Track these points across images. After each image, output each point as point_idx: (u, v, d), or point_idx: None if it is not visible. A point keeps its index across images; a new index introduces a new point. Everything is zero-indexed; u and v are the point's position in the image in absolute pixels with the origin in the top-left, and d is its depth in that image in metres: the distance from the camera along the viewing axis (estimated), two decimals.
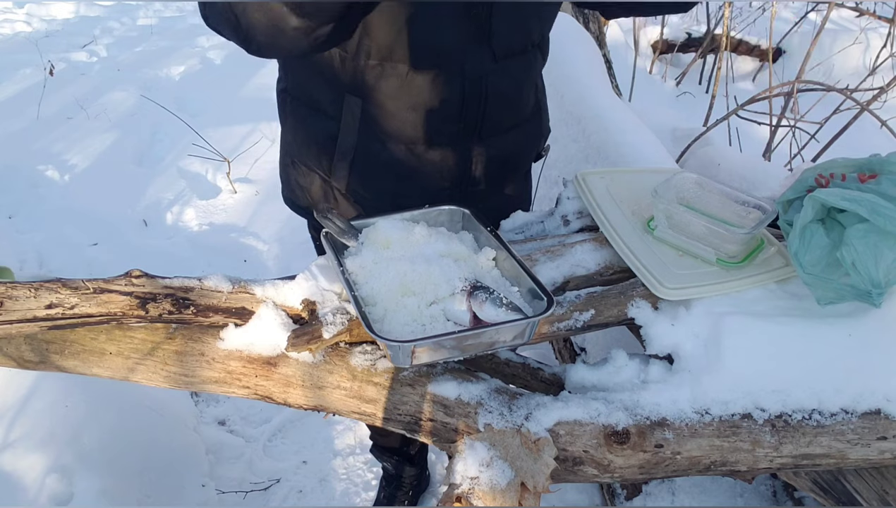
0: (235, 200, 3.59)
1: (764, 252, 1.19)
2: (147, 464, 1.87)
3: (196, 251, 3.20)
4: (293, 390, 1.12)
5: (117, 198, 3.53)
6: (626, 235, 1.22)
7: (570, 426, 1.00)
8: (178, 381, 1.15)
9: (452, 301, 1.05)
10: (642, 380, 1.08)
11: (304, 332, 1.08)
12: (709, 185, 1.27)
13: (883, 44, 4.00)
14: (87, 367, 1.17)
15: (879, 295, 0.99)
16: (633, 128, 1.82)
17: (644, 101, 3.65)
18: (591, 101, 1.92)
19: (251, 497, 2.07)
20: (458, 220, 1.30)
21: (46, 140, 4.01)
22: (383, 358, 1.10)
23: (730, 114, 2.60)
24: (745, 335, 1.04)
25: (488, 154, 1.35)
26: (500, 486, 0.90)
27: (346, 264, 1.14)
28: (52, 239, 3.18)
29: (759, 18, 4.63)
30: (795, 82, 2.58)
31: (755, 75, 4.58)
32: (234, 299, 1.13)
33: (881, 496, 1.04)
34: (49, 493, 1.63)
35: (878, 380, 1.01)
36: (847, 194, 1.01)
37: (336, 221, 1.21)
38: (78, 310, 1.09)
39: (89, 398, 1.84)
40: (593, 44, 2.26)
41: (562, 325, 1.12)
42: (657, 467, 1.00)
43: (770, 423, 1.00)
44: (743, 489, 1.52)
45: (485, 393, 1.06)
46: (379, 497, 2.08)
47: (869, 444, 0.99)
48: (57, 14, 6.38)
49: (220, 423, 2.35)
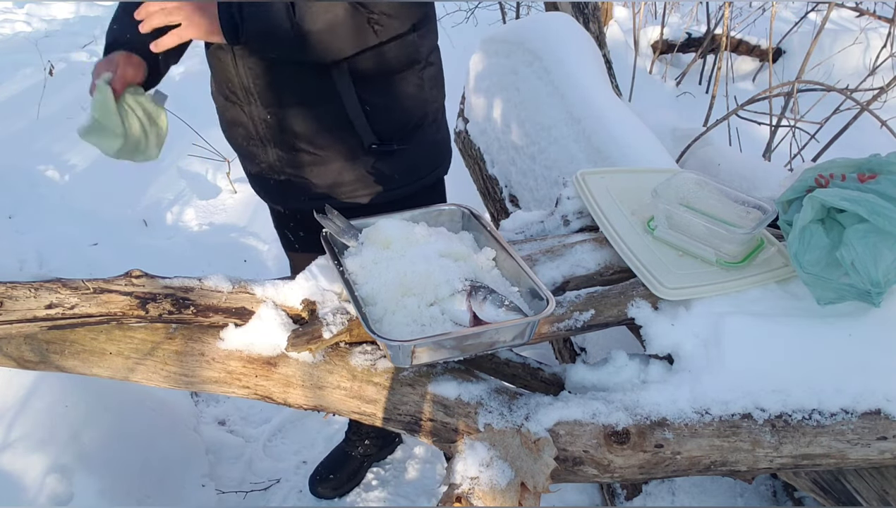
0: (235, 200, 3.59)
1: (764, 252, 1.19)
2: (147, 464, 1.86)
3: (196, 251, 3.20)
4: (293, 390, 1.12)
5: (117, 198, 3.53)
6: (626, 235, 1.22)
7: (570, 426, 1.00)
8: (178, 381, 1.15)
9: (452, 301, 1.05)
10: (642, 380, 1.08)
11: (304, 332, 1.08)
12: (709, 185, 1.27)
13: (883, 44, 3.99)
14: (87, 367, 1.17)
15: (879, 294, 0.99)
16: (634, 128, 1.82)
17: (644, 101, 3.64)
18: (592, 101, 1.91)
19: (251, 497, 2.07)
20: (458, 220, 1.30)
21: (46, 140, 4.01)
22: (383, 358, 1.10)
23: (730, 115, 2.60)
24: (745, 335, 1.04)
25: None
26: (500, 486, 0.90)
27: (346, 264, 1.14)
28: (52, 239, 3.18)
29: (759, 18, 4.63)
30: (795, 82, 2.57)
31: (755, 75, 4.58)
32: (234, 299, 1.13)
33: (881, 496, 1.04)
34: (49, 493, 1.63)
35: (878, 380, 1.01)
36: (847, 194, 1.01)
37: (336, 221, 1.21)
38: (78, 310, 1.09)
39: (89, 398, 1.84)
40: (593, 44, 2.26)
41: (562, 325, 1.12)
42: (657, 467, 1.00)
43: (770, 423, 1.00)
44: (743, 489, 1.52)
45: (485, 393, 1.06)
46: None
47: (869, 444, 0.99)
48: (57, 14, 6.37)
49: (220, 423, 2.35)
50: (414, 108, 1.49)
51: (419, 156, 1.55)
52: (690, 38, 4.62)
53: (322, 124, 1.42)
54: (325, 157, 1.47)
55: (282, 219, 1.75)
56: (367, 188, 1.51)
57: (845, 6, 4.37)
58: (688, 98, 4.16)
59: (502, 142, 2.33)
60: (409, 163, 1.53)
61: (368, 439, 2.14)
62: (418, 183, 1.56)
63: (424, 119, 1.53)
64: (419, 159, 1.56)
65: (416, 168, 1.55)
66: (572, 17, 2.48)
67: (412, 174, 1.55)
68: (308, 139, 1.44)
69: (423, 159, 1.57)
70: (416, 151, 1.54)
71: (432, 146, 1.59)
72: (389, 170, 1.51)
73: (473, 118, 2.56)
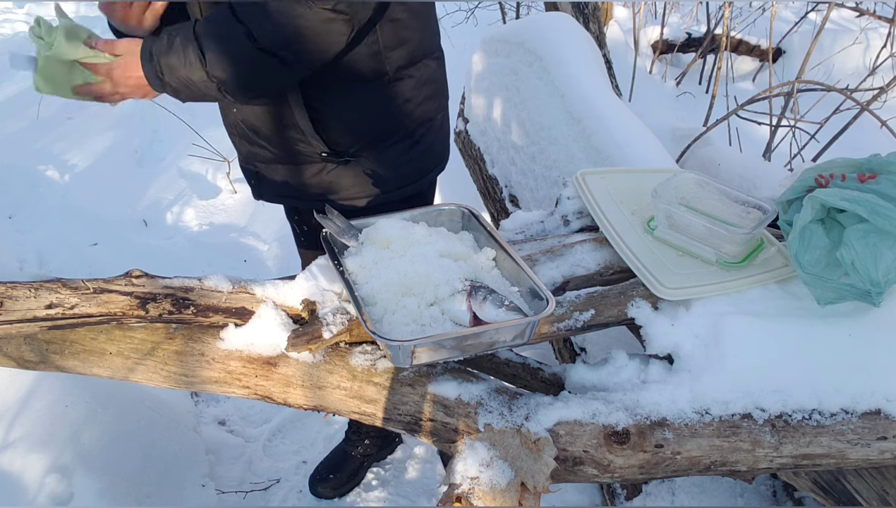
0: (235, 200, 3.59)
1: (764, 252, 1.19)
2: (147, 464, 1.86)
3: (196, 251, 3.20)
4: (293, 390, 1.12)
5: (117, 198, 3.53)
6: (626, 235, 1.22)
7: (570, 426, 1.00)
8: (178, 381, 1.15)
9: (452, 301, 1.05)
10: (642, 380, 1.08)
11: (304, 332, 1.08)
12: (709, 185, 1.27)
13: (883, 44, 3.99)
14: (87, 367, 1.17)
15: (879, 294, 0.99)
16: (633, 128, 1.82)
17: (644, 101, 3.65)
18: (592, 101, 1.92)
19: (251, 497, 2.07)
20: (458, 220, 1.30)
21: (46, 140, 4.01)
22: (383, 358, 1.10)
23: (730, 115, 2.60)
24: (745, 335, 1.04)
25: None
26: (500, 486, 0.90)
27: (347, 264, 1.14)
28: (52, 239, 3.18)
29: (759, 18, 4.63)
30: (795, 82, 2.57)
31: (755, 75, 4.58)
32: (234, 299, 1.13)
33: (881, 496, 1.04)
34: (49, 493, 1.63)
35: (878, 380, 1.01)
36: (847, 194, 1.01)
37: (336, 221, 1.21)
38: (78, 310, 1.09)
39: (89, 398, 1.84)
40: (593, 44, 2.26)
41: (562, 325, 1.12)
42: (657, 467, 1.00)
43: (770, 423, 1.00)
44: (743, 489, 1.52)
45: (485, 393, 1.06)
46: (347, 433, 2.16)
47: (869, 444, 0.99)
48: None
49: (220, 423, 2.35)
50: (376, 121, 1.41)
51: (385, 170, 1.47)
52: (690, 38, 4.62)
53: (276, 124, 1.40)
54: (278, 156, 1.45)
55: (288, 211, 1.75)
56: (326, 192, 1.47)
57: (845, 6, 4.37)
58: (688, 98, 4.16)
59: (502, 142, 2.34)
60: (368, 175, 1.46)
61: (368, 439, 2.14)
62: (385, 195, 1.48)
63: (393, 133, 1.44)
64: (384, 172, 1.47)
65: (381, 181, 1.47)
66: (572, 17, 2.48)
67: (372, 187, 1.47)
68: (265, 137, 1.43)
69: (389, 173, 1.47)
70: (379, 164, 1.45)
71: (403, 161, 1.48)
72: (346, 180, 1.45)
73: (473, 118, 2.56)
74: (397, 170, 1.48)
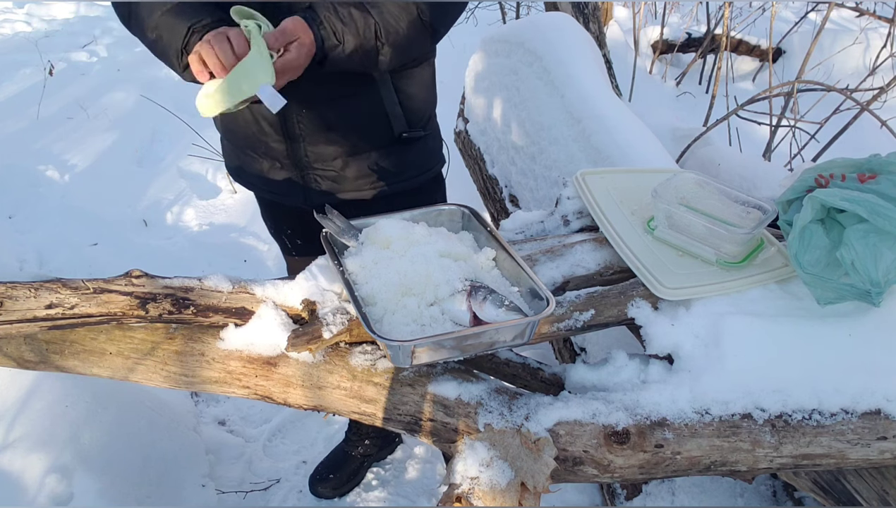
0: (235, 200, 3.59)
1: (764, 252, 1.19)
2: (147, 464, 1.86)
3: (196, 251, 3.20)
4: (293, 390, 1.12)
5: (117, 198, 3.53)
6: (626, 235, 1.22)
7: (570, 426, 1.00)
8: (178, 381, 1.15)
9: (452, 301, 1.05)
10: (642, 380, 1.08)
11: (304, 332, 1.08)
12: (709, 185, 1.27)
13: (883, 44, 4.00)
14: (87, 367, 1.17)
15: (879, 294, 0.99)
16: (634, 128, 1.82)
17: (644, 101, 3.65)
18: (592, 101, 1.92)
19: (251, 498, 2.07)
20: (458, 220, 1.30)
21: (46, 140, 4.01)
22: (383, 358, 1.10)
23: (730, 115, 2.60)
24: (745, 335, 1.04)
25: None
26: (500, 486, 0.90)
27: (347, 264, 1.14)
28: (52, 239, 3.18)
29: (759, 18, 4.63)
30: (795, 82, 2.58)
31: (755, 75, 4.58)
32: (234, 299, 1.13)
33: (881, 496, 1.04)
34: (49, 493, 1.63)
35: (878, 380, 1.01)
36: (847, 194, 1.01)
37: (336, 221, 1.21)
38: (78, 310, 1.09)
39: (89, 398, 1.84)
40: (593, 44, 2.26)
41: (562, 325, 1.12)
42: (657, 467, 1.00)
43: (770, 423, 1.00)
44: (743, 489, 1.52)
45: (485, 393, 1.06)
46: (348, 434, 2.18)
47: (869, 444, 0.99)
48: (57, 14, 6.37)
49: (220, 423, 2.35)
50: (430, 98, 1.58)
51: (436, 144, 1.65)
52: (690, 38, 4.62)
53: (359, 114, 1.46)
54: (359, 147, 1.49)
55: (279, 225, 1.75)
56: (387, 177, 1.56)
57: (845, 6, 4.37)
58: (688, 98, 4.16)
59: (502, 142, 2.34)
60: (429, 150, 1.61)
61: (368, 439, 2.14)
62: (429, 172, 1.63)
63: (434, 108, 1.62)
64: (436, 146, 1.65)
65: (433, 154, 1.64)
66: (572, 17, 2.48)
67: (428, 162, 1.62)
68: (342, 131, 1.46)
69: (437, 146, 1.66)
70: (434, 139, 1.64)
71: (438, 136, 1.68)
72: (412, 158, 1.57)
73: (473, 118, 2.56)
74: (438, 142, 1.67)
